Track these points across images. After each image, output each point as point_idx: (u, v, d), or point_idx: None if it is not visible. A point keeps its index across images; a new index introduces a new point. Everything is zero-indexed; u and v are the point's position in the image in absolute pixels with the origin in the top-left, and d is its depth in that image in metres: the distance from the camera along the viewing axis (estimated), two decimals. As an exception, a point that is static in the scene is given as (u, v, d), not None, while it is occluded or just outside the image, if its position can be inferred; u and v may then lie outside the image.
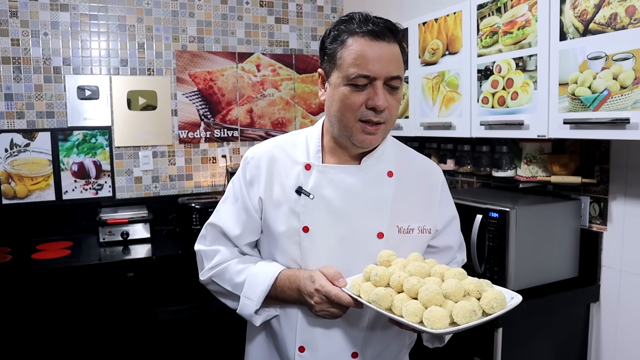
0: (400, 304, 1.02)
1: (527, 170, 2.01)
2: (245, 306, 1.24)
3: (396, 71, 1.14)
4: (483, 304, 0.99)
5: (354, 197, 1.21)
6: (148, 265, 2.53)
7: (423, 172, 1.32)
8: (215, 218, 1.33)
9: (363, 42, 1.13)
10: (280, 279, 1.21)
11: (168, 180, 3.13)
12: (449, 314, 0.97)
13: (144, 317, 2.53)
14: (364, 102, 1.13)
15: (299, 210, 1.21)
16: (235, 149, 3.29)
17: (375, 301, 1.03)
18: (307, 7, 3.42)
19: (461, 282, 1.03)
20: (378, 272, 1.08)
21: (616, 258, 1.89)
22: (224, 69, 3.22)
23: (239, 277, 1.26)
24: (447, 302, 1.00)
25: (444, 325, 0.95)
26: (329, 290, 1.11)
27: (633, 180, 1.83)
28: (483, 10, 1.96)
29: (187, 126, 3.16)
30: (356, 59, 1.12)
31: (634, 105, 1.47)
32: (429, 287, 1.00)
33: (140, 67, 3.01)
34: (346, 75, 1.13)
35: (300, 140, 1.30)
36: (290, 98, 3.43)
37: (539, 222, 1.89)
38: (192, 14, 3.11)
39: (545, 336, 1.90)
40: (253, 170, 1.27)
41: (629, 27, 1.47)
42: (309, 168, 1.23)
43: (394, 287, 1.06)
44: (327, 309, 1.13)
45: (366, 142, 1.17)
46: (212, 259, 1.30)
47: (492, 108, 1.95)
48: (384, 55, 1.12)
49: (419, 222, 1.25)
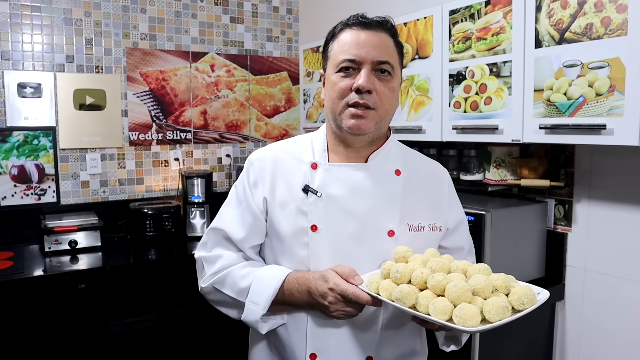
0: (425, 301, 0.98)
1: (496, 174, 2.06)
2: (251, 312, 1.19)
3: (383, 56, 1.15)
4: (513, 300, 0.97)
5: (363, 195, 1.20)
6: (101, 276, 2.36)
7: (430, 172, 1.32)
8: (218, 222, 1.28)
9: (351, 31, 1.18)
10: (288, 281, 1.17)
11: (117, 184, 2.95)
12: (480, 310, 0.94)
13: (97, 331, 2.36)
14: (350, 86, 1.14)
15: (306, 209, 1.18)
16: (188, 152, 3.16)
17: (400, 299, 1.00)
18: (262, 7, 3.36)
19: (489, 278, 1.01)
20: (399, 269, 1.05)
21: (580, 258, 1.98)
22: (177, 69, 3.09)
23: (244, 282, 1.20)
24: (476, 299, 0.97)
25: (476, 322, 0.92)
26: (345, 289, 1.08)
27: (597, 183, 1.91)
28: (455, 16, 1.99)
29: (138, 127, 3.00)
30: (343, 46, 1.17)
31: (609, 112, 1.54)
32: (457, 283, 0.97)
33: (88, 64, 2.83)
34: (335, 62, 1.17)
35: (304, 142, 1.29)
36: (245, 100, 3.34)
37: (510, 224, 1.94)
38: (143, 10, 2.96)
39: (515, 334, 1.95)
40: (257, 171, 1.24)
41: (604, 37, 1.54)
42: (316, 167, 1.22)
43: (416, 284, 1.03)
44: (343, 309, 1.10)
45: (354, 127, 1.15)
46: (214, 264, 1.24)
47: (464, 112, 1.99)
48: (370, 41, 1.15)
49: (429, 219, 1.24)
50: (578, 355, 2.00)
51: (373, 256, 1.18)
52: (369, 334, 1.19)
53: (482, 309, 0.95)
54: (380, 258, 1.18)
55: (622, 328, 1.85)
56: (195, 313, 2.60)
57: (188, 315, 2.59)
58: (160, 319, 2.53)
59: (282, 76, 3.47)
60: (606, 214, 1.89)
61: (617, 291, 1.86)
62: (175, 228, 2.82)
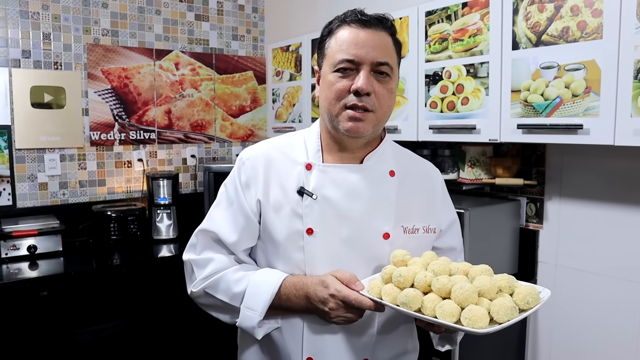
0: (431, 304, 0.98)
1: (471, 173, 2.10)
2: (247, 318, 1.15)
3: (383, 57, 1.12)
4: (518, 300, 0.98)
5: (358, 197, 1.17)
6: (64, 283, 2.25)
7: (423, 172, 1.31)
8: (208, 223, 1.23)
9: (350, 29, 1.14)
10: (285, 286, 1.14)
11: (78, 186, 2.82)
12: (488, 311, 0.95)
13: (60, 340, 2.24)
14: (349, 88, 1.11)
15: (301, 212, 1.15)
16: (152, 152, 3.06)
17: (406, 303, 0.99)
18: (228, 5, 3.30)
19: (493, 279, 1.01)
20: (402, 273, 1.04)
21: (552, 254, 2.04)
22: (140, 66, 2.99)
23: (238, 287, 1.16)
24: (481, 300, 0.97)
25: (485, 324, 0.92)
26: (347, 295, 1.05)
27: (567, 182, 1.98)
28: (432, 17, 2.02)
29: (100, 127, 2.88)
30: (341, 44, 1.12)
31: (585, 112, 1.59)
32: (463, 285, 0.97)
33: (46, 60, 2.69)
34: (333, 62, 1.14)
35: (297, 141, 1.25)
36: (210, 99, 3.27)
37: (485, 222, 1.98)
38: (105, 5, 2.84)
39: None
40: (249, 171, 1.19)
41: (580, 40, 1.59)
42: (310, 168, 1.18)
43: (419, 287, 1.02)
44: (344, 315, 1.08)
45: (352, 130, 1.12)
46: (205, 268, 1.19)
47: (441, 112, 2.01)
48: (370, 41, 1.11)
49: (424, 221, 1.23)
50: (550, 349, 2.06)
51: (368, 259, 1.17)
52: (365, 337, 1.18)
53: (489, 309, 0.95)
54: (376, 261, 1.17)
55: (592, 321, 1.92)
56: (164, 318, 2.51)
57: (156, 320, 2.50)
58: (127, 325, 2.44)
59: (248, 75, 3.42)
60: (576, 211, 1.96)
61: (586, 285, 1.94)
62: (140, 231, 2.72)
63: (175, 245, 2.77)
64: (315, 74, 1.24)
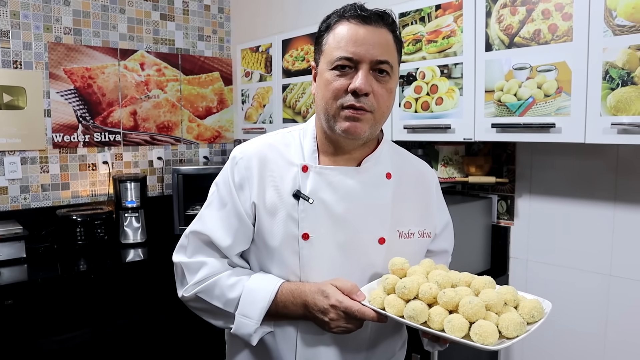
0: (438, 318, 0.97)
1: (444, 172, 2.14)
2: (243, 325, 1.12)
3: (383, 55, 1.07)
4: (524, 314, 0.99)
5: (354, 201, 1.15)
6: (29, 290, 2.16)
7: (418, 174, 1.28)
8: (200, 225, 1.18)
9: (348, 25, 1.08)
10: (282, 293, 1.11)
11: (40, 190, 2.71)
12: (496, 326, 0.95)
13: (27, 349, 2.15)
14: (346, 87, 1.07)
15: (297, 216, 1.12)
16: (117, 155, 2.98)
17: (413, 317, 0.98)
18: (193, 5, 3.25)
19: (500, 293, 1.01)
20: (406, 285, 1.02)
21: (522, 249, 2.11)
22: (104, 66, 2.91)
23: (232, 293, 1.13)
24: (490, 315, 0.97)
25: (495, 339, 0.92)
26: (349, 306, 1.03)
27: (536, 179, 2.05)
28: (405, 19, 2.05)
29: (63, 129, 2.78)
30: (340, 41, 1.08)
31: (557, 112, 1.65)
32: (471, 300, 0.96)
33: (4, 58, 2.58)
34: (330, 59, 1.09)
35: (292, 139, 1.21)
36: (177, 100, 3.22)
37: (458, 220, 2.00)
38: (67, 2, 2.75)
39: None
40: (243, 171, 1.15)
41: (551, 43, 1.66)
42: (306, 170, 1.14)
43: (424, 299, 1.01)
44: (344, 325, 1.06)
45: (349, 131, 1.08)
46: (196, 273, 1.15)
47: (415, 112, 2.05)
48: (369, 38, 1.07)
49: (419, 226, 1.22)
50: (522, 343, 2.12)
51: (364, 264, 1.15)
52: (359, 343, 1.17)
53: (498, 324, 0.96)
54: (371, 266, 1.15)
55: (562, 312, 2.00)
56: (134, 324, 2.45)
57: (125, 327, 2.44)
58: (95, 333, 2.36)
59: (214, 76, 3.38)
60: (545, 207, 2.04)
61: (556, 278, 2.01)
62: (107, 235, 2.64)
63: (144, 249, 2.71)
64: (312, 70, 1.19)
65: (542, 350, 2.07)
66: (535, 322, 0.99)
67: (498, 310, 0.99)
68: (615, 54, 1.52)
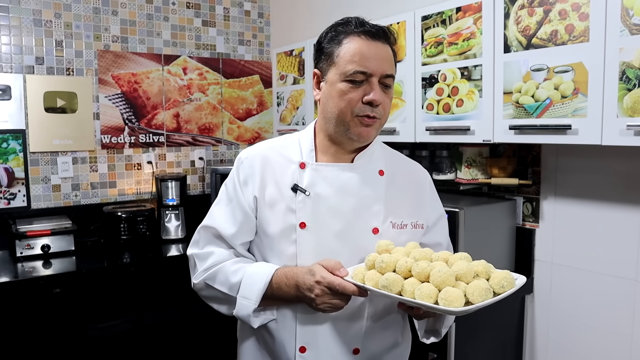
0: (411, 287, 1.03)
1: (467, 173, 2.15)
2: (242, 306, 1.22)
3: (390, 70, 1.21)
4: (493, 284, 1.03)
5: (349, 194, 1.25)
6: (76, 280, 2.34)
7: (411, 172, 1.38)
8: (209, 220, 1.31)
9: (360, 41, 1.19)
10: (277, 275, 1.20)
11: (90, 188, 2.92)
12: (463, 293, 1.00)
13: (72, 335, 2.33)
14: (360, 98, 1.18)
15: (295, 207, 1.23)
16: (161, 155, 3.15)
17: (386, 286, 1.04)
18: (234, 11, 3.38)
19: (471, 264, 1.07)
20: (384, 259, 1.09)
21: (548, 252, 2.08)
22: (149, 72, 3.08)
23: (235, 278, 1.23)
24: (459, 284, 1.02)
25: (460, 304, 0.97)
26: (331, 281, 1.11)
27: (562, 181, 2.02)
28: (428, 22, 2.07)
29: (110, 130, 2.97)
30: (354, 55, 1.18)
31: (573, 113, 1.64)
32: (441, 269, 1.02)
33: (58, 66, 2.79)
34: (344, 71, 1.19)
35: (292, 142, 1.32)
36: (218, 103, 3.35)
37: (481, 221, 2.03)
38: (115, 12, 2.94)
39: (487, 328, 2.03)
40: (247, 170, 1.27)
41: (568, 43, 1.64)
42: (304, 167, 1.26)
43: (400, 272, 1.08)
44: (329, 301, 1.13)
45: (362, 135, 1.21)
46: (206, 261, 1.27)
47: (437, 114, 2.06)
48: (379, 54, 1.19)
49: (412, 217, 1.30)
50: (547, 346, 2.10)
51: (358, 252, 1.23)
52: (355, 327, 1.24)
53: (466, 292, 1.01)
54: (365, 254, 1.22)
55: (588, 318, 1.96)
56: (172, 316, 2.59)
57: (164, 318, 2.58)
58: (136, 322, 2.52)
59: (254, 79, 3.50)
60: (571, 210, 2.00)
61: (582, 283, 1.97)
62: (149, 231, 2.81)
63: (184, 244, 2.85)
64: (314, 76, 1.28)
65: (567, 355, 2.03)
66: (505, 291, 1.03)
67: (468, 280, 1.03)
68: (632, 53, 1.49)
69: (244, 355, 1.34)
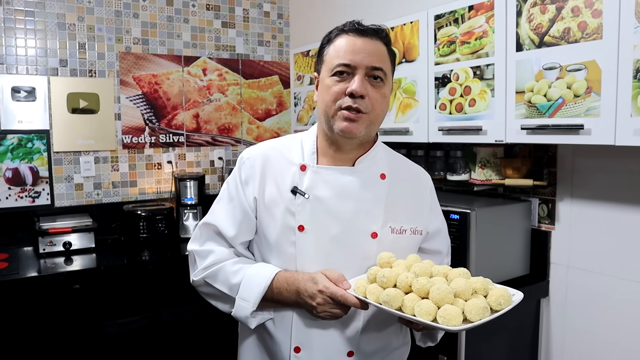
0: (411, 303, 1.04)
1: (481, 174, 2.11)
2: (241, 308, 1.23)
3: (377, 62, 1.19)
4: (491, 301, 1.04)
5: (349, 198, 1.24)
6: (95, 277, 2.40)
7: (413, 176, 1.37)
8: (210, 217, 1.32)
9: (347, 37, 1.22)
10: (277, 280, 1.21)
11: (111, 187, 2.99)
12: (461, 311, 1.00)
13: (91, 331, 2.39)
14: (344, 90, 1.18)
15: (294, 210, 1.23)
16: (181, 155, 3.20)
17: (387, 302, 1.06)
18: (253, 12, 3.41)
19: (469, 281, 1.07)
20: (385, 274, 1.10)
21: (564, 255, 2.03)
22: (169, 73, 3.13)
23: (235, 278, 1.24)
24: (457, 301, 1.03)
25: (458, 322, 0.99)
26: (334, 292, 1.12)
27: (578, 183, 1.97)
28: (440, 21, 2.05)
29: (131, 131, 3.04)
30: (339, 50, 1.21)
31: (586, 113, 1.59)
32: (440, 286, 1.03)
33: (81, 68, 2.87)
34: (330, 67, 1.21)
35: (295, 143, 1.32)
36: (237, 103, 3.39)
37: (494, 223, 1.99)
38: (136, 15, 3.00)
39: (501, 331, 2.00)
40: (248, 170, 1.28)
41: (581, 41, 1.60)
42: (304, 169, 1.26)
43: (401, 287, 1.09)
44: (330, 310, 1.14)
45: (346, 130, 1.19)
46: (205, 259, 1.29)
47: (449, 114, 2.04)
48: (365, 48, 1.19)
49: (411, 223, 1.29)
50: (562, 350, 2.05)
51: (356, 256, 1.23)
52: (350, 331, 1.24)
53: (464, 309, 1.02)
54: (364, 258, 1.23)
55: (605, 323, 1.90)
56: (189, 313, 2.63)
57: (181, 315, 2.62)
58: (154, 319, 2.57)
59: (274, 80, 3.52)
60: (588, 212, 1.95)
61: (599, 287, 1.92)
62: (168, 229, 2.86)
63: (201, 243, 2.88)
64: (314, 80, 1.31)
65: None
66: (502, 309, 1.04)
67: (466, 297, 1.04)
68: (647, 51, 1.45)
69: (244, 353, 1.35)
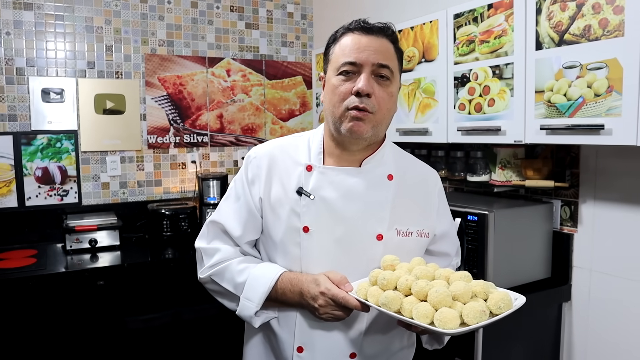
0: (409, 306, 1.03)
1: (501, 175, 2.08)
2: (245, 307, 1.24)
3: (383, 60, 1.17)
4: (490, 305, 1.02)
5: (355, 199, 1.23)
6: (119, 274, 2.45)
7: (421, 177, 1.34)
8: (217, 215, 1.33)
9: (353, 35, 1.20)
10: (281, 281, 1.21)
11: (136, 186, 3.05)
12: (459, 314, 0.99)
13: (114, 326, 2.45)
14: (351, 90, 1.16)
15: (299, 211, 1.22)
16: (205, 155, 3.25)
17: (385, 304, 1.05)
18: (277, 13, 3.43)
19: (469, 284, 1.05)
20: (385, 276, 1.10)
21: (586, 258, 1.98)
22: (193, 74, 3.18)
23: (240, 278, 1.25)
24: (456, 304, 1.02)
25: (455, 325, 0.97)
26: (335, 294, 1.12)
27: (602, 184, 1.92)
28: (459, 20, 2.02)
29: (156, 131, 3.10)
30: (344, 49, 1.20)
31: (607, 112, 1.55)
32: (438, 289, 1.02)
33: (108, 70, 2.94)
34: (336, 66, 1.20)
35: (302, 142, 1.31)
36: (261, 104, 3.41)
37: (514, 224, 1.96)
38: (161, 17, 3.06)
39: (521, 335, 1.96)
40: (255, 169, 1.28)
41: (602, 39, 1.55)
42: (310, 169, 1.25)
43: (401, 290, 1.08)
44: (332, 312, 1.14)
45: (353, 130, 1.17)
46: (212, 257, 1.30)
47: (469, 114, 2.01)
48: (371, 46, 1.17)
49: (418, 226, 1.27)
50: (585, 355, 1.99)
51: (362, 258, 1.22)
52: (353, 332, 1.23)
53: (462, 313, 1.00)
54: (369, 260, 1.22)
55: (629, 330, 1.85)
56: (210, 311, 2.66)
57: (202, 313, 2.66)
58: (176, 316, 2.61)
59: (297, 80, 3.54)
60: (611, 214, 1.89)
61: (623, 292, 1.86)
62: (191, 228, 2.90)
63: (223, 242, 2.92)
64: (321, 79, 1.30)
65: (606, 367, 1.93)
66: (502, 312, 1.02)
67: (465, 301, 1.03)
68: (670, 49, 1.40)
69: (250, 350, 1.37)
